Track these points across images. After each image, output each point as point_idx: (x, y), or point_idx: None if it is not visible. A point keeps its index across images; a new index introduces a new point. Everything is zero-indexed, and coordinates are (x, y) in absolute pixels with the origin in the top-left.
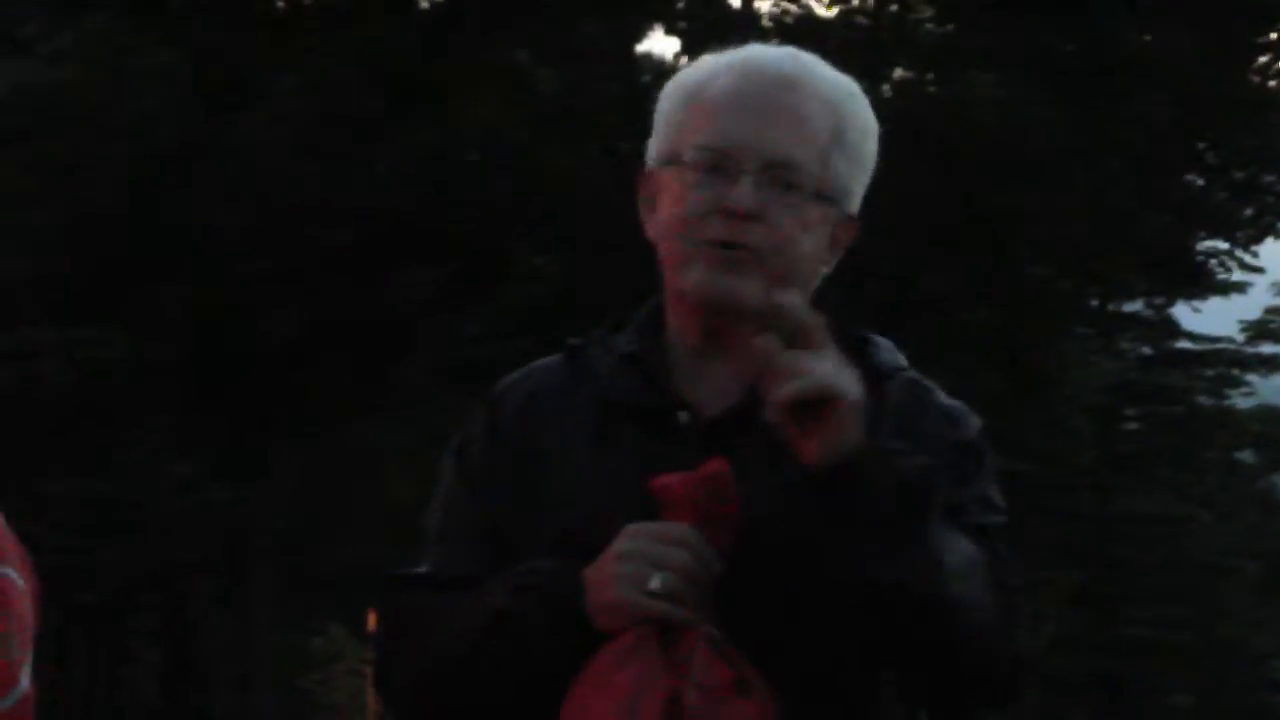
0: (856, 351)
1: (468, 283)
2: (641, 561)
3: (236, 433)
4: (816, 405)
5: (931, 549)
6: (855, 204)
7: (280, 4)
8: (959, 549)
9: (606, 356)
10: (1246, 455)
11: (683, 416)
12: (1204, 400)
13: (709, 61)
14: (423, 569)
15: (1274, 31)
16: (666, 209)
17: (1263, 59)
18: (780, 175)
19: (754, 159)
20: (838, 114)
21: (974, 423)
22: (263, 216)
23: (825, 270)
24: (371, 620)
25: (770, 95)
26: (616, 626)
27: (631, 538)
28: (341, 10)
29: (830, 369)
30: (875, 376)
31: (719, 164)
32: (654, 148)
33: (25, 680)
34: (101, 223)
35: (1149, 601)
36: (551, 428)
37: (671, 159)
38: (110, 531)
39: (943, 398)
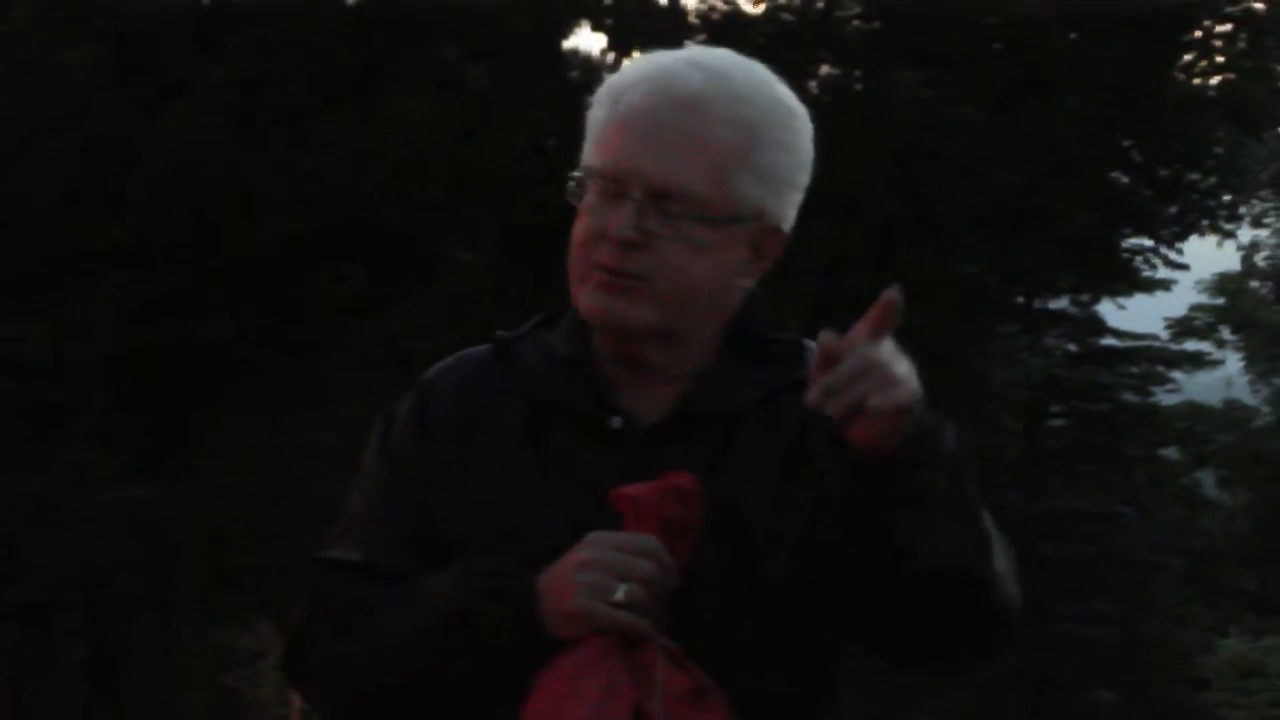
0: (792, 361)
1: (396, 278)
2: (605, 570)
3: (163, 429)
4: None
5: (981, 525)
6: (781, 217)
7: None
8: (986, 516)
9: (537, 355)
10: (1171, 452)
11: (615, 422)
12: (1129, 397)
13: (636, 67)
14: (351, 555)
15: (1198, 30)
16: (578, 223)
17: (1187, 57)
18: (665, 202)
19: (640, 185)
20: (747, 133)
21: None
22: (191, 212)
23: (746, 283)
24: (296, 612)
25: (666, 119)
26: (576, 635)
27: (594, 546)
28: (270, 5)
29: (907, 370)
30: (804, 385)
31: (610, 188)
32: (584, 150)
33: None
34: (27, 219)
35: (1074, 598)
36: (482, 423)
37: (585, 169)
38: (35, 529)
39: None
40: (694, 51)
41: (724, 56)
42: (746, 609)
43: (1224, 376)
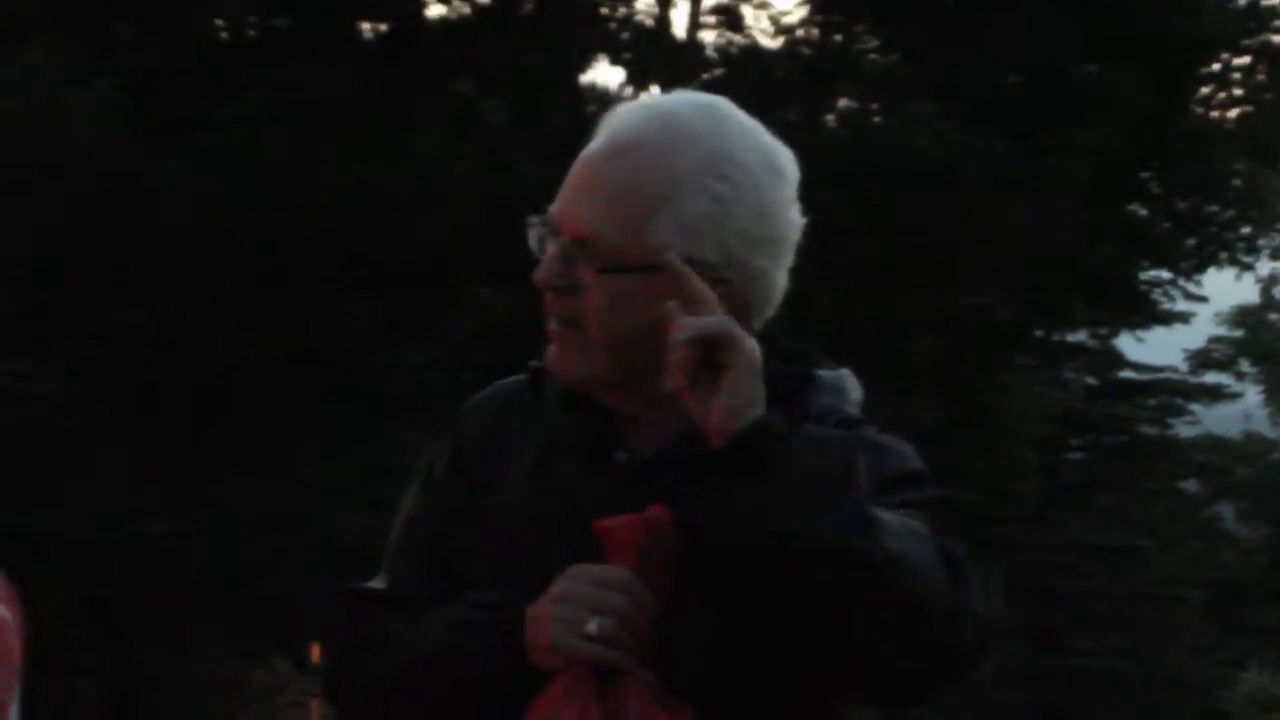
0: (791, 399)
1: (410, 313)
2: (579, 604)
3: (175, 464)
4: (714, 362)
5: (863, 504)
6: (725, 265)
7: (222, 35)
8: (893, 516)
9: (554, 388)
10: (1190, 484)
11: (619, 456)
12: (1148, 430)
13: (607, 117)
14: (378, 585)
15: (1216, 63)
16: None
17: (1205, 90)
18: (588, 249)
19: (566, 232)
20: (666, 183)
21: (909, 456)
22: (203, 247)
23: None
24: (314, 652)
25: (598, 165)
26: (553, 667)
27: (570, 579)
28: (284, 41)
29: (729, 320)
30: (798, 423)
31: (552, 235)
32: None
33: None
34: (39, 254)
35: (1092, 631)
36: (506, 454)
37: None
38: (48, 563)
39: (871, 434)
40: (670, 97)
41: (687, 103)
42: (726, 644)
43: (1243, 409)
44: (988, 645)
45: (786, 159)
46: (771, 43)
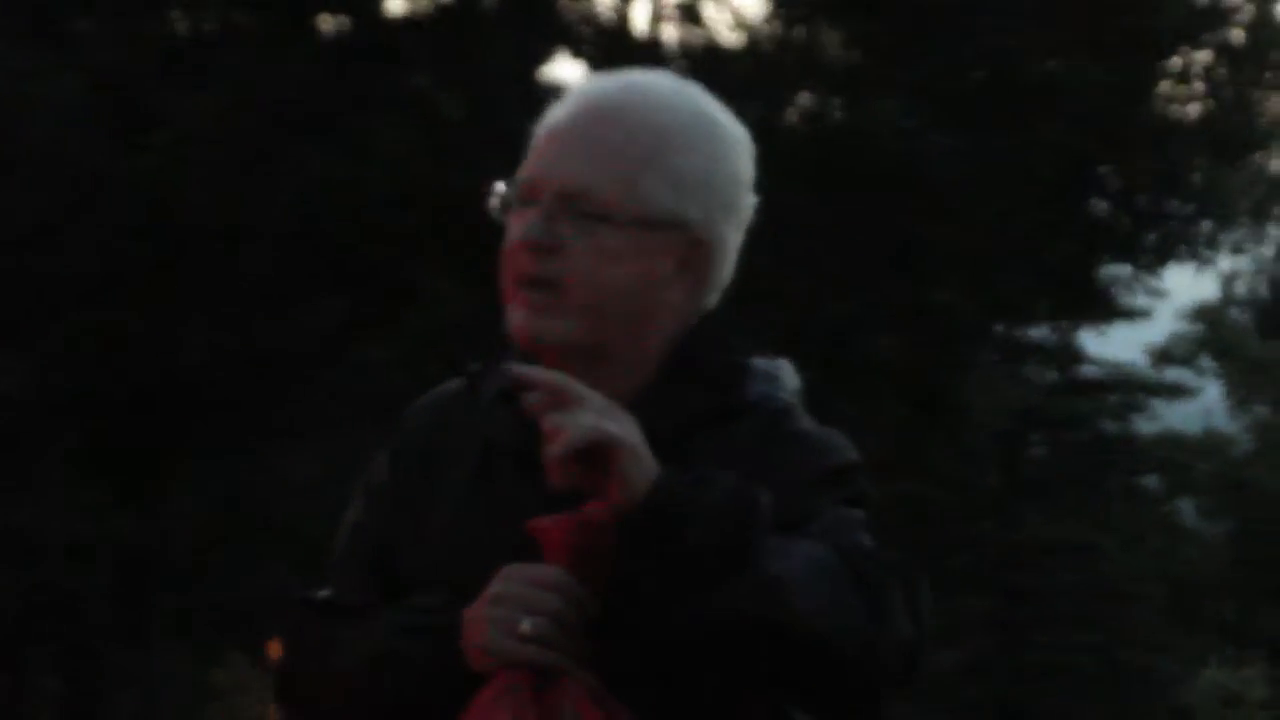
0: (724, 385)
1: (372, 310)
2: (512, 605)
3: (138, 462)
4: (598, 457)
5: (760, 568)
6: (707, 230)
7: (182, 31)
8: (801, 554)
9: (494, 385)
10: (1151, 481)
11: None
12: (1109, 426)
13: (567, 93)
14: (324, 592)
15: (1177, 58)
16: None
17: (1166, 85)
18: (575, 205)
19: (550, 190)
20: (659, 137)
21: (841, 450)
22: (166, 245)
23: (673, 297)
24: (272, 650)
25: (581, 127)
26: (490, 670)
27: (504, 580)
28: (244, 38)
29: (592, 419)
30: (736, 411)
31: (527, 197)
32: None
33: None
34: (2, 251)
35: (1054, 627)
36: (443, 458)
37: (510, 186)
38: (9, 560)
39: (803, 425)
40: (629, 73)
41: (655, 76)
42: (665, 643)
43: (1204, 405)
44: (915, 664)
45: (749, 137)
46: (732, 38)
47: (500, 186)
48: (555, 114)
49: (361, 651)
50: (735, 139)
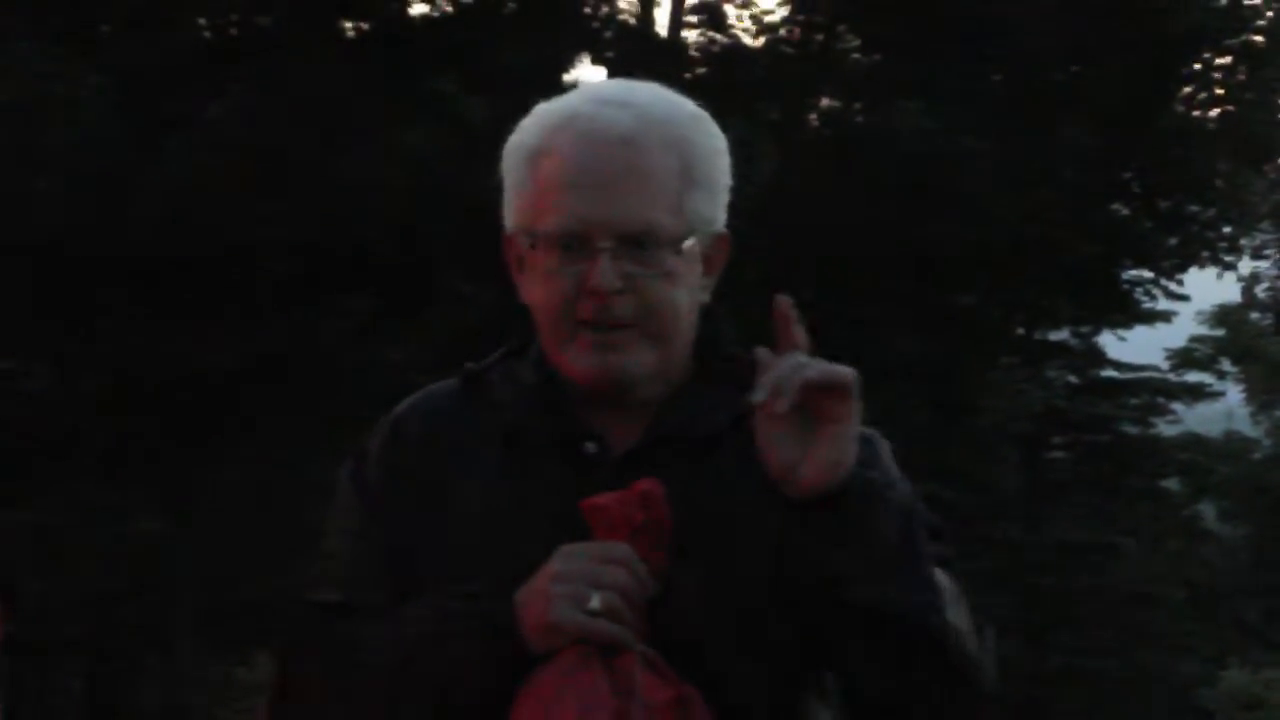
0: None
1: (398, 312)
2: (580, 581)
3: (166, 463)
4: (814, 414)
5: (932, 577)
6: (720, 220)
7: (206, 33)
8: (943, 578)
9: (508, 385)
10: (1172, 483)
11: (589, 447)
12: (1130, 429)
13: (540, 117)
14: (333, 596)
15: (1198, 62)
16: (538, 289)
17: (1188, 89)
18: (638, 243)
19: (608, 234)
20: (682, 151)
21: (883, 442)
22: (191, 247)
23: (705, 297)
24: (282, 654)
25: (611, 162)
26: (555, 647)
27: (567, 558)
28: (268, 40)
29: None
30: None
31: (575, 245)
32: (508, 213)
33: None
34: (29, 253)
35: (1074, 629)
36: (452, 456)
37: (529, 233)
38: (36, 560)
39: None
40: (582, 90)
41: (633, 91)
42: (723, 621)
43: (1225, 408)
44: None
45: None
46: (754, 42)
47: (521, 238)
48: (551, 156)
49: (401, 643)
50: (714, 122)
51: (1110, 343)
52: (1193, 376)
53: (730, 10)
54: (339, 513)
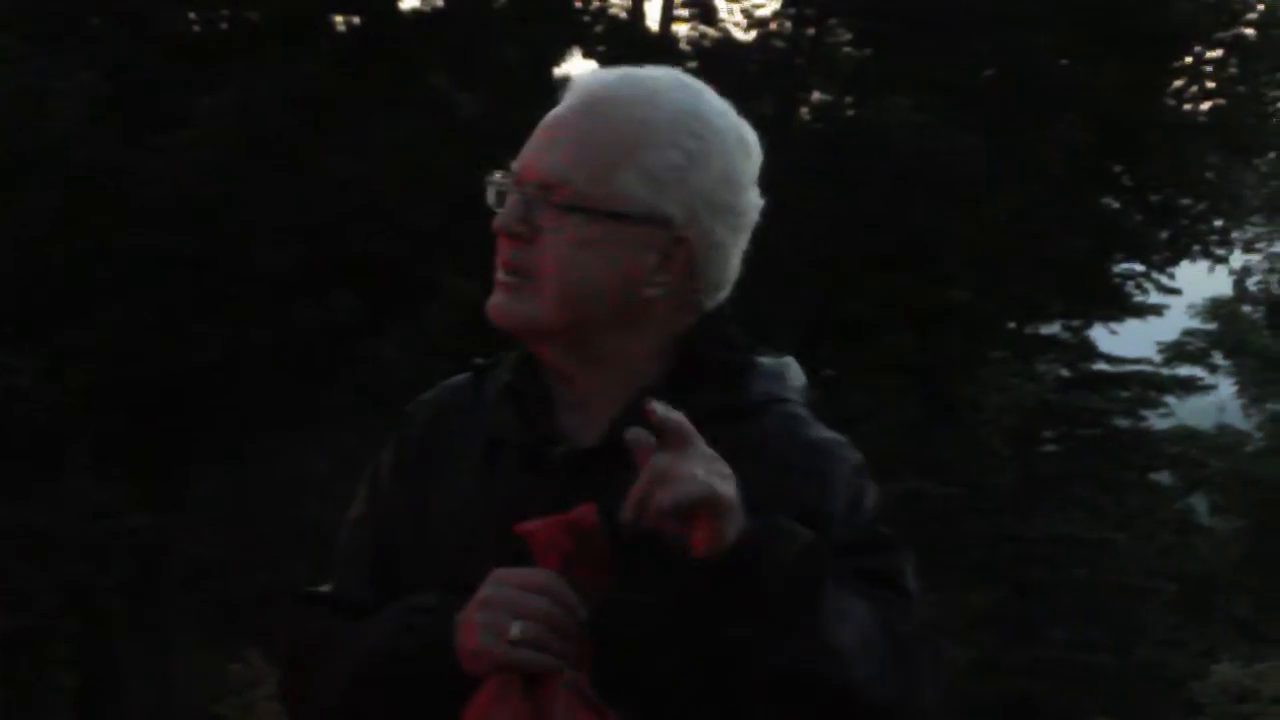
0: (731, 383)
1: (389, 306)
2: (501, 609)
3: (156, 458)
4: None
5: (823, 633)
6: (686, 225)
7: (196, 28)
8: (855, 619)
9: (493, 384)
10: (1164, 477)
11: (560, 449)
12: (1121, 422)
13: (576, 78)
14: (325, 589)
15: (1188, 56)
16: None
17: (1179, 83)
18: (552, 195)
19: (531, 179)
20: (640, 132)
21: (851, 457)
22: (182, 241)
23: (654, 292)
24: (281, 645)
25: (566, 119)
26: (481, 673)
27: (494, 584)
28: (260, 34)
29: (702, 473)
30: (745, 411)
31: (514, 185)
32: None
33: None
34: (20, 249)
35: (1066, 623)
36: (446, 453)
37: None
38: (27, 558)
39: (820, 431)
40: (634, 67)
41: (657, 71)
42: (661, 644)
43: (1216, 401)
44: None
45: (754, 139)
46: (744, 35)
47: (497, 176)
48: (557, 106)
49: (359, 653)
50: (729, 138)
51: (1102, 336)
52: (1184, 370)
53: (721, 4)
54: (356, 501)
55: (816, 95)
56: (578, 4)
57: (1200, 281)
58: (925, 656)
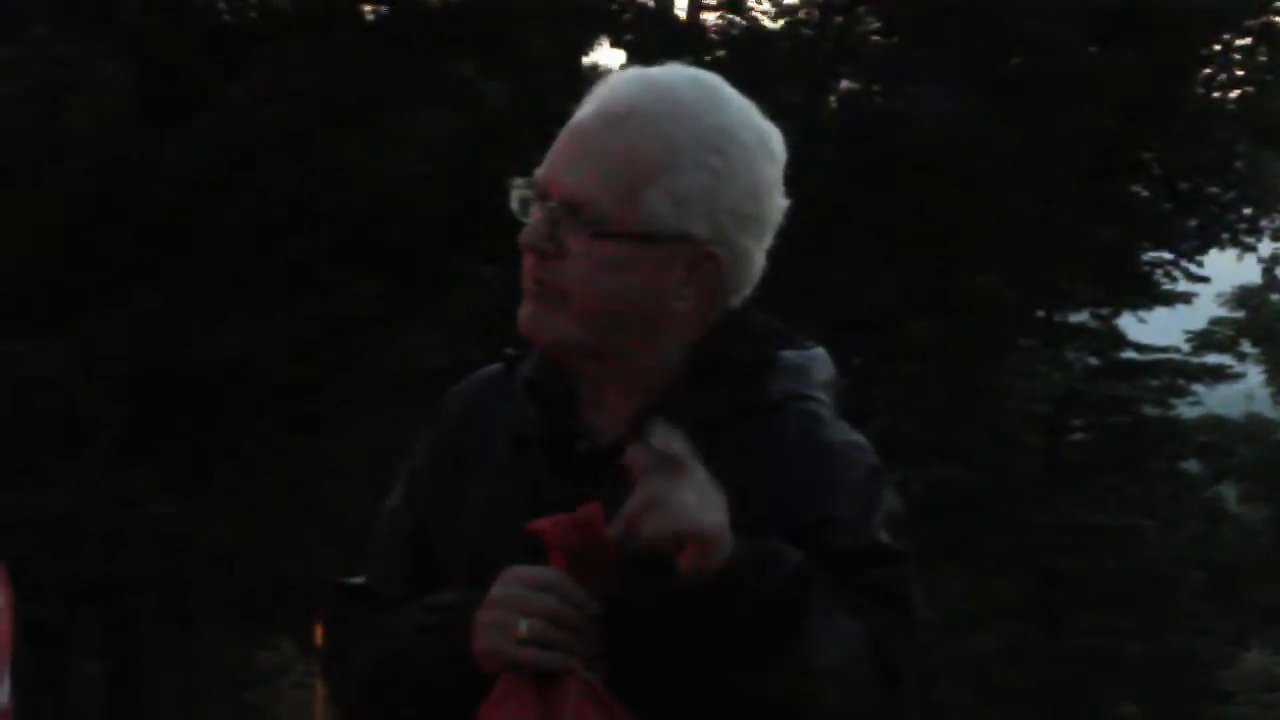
0: (750, 381)
1: (415, 294)
2: (509, 608)
3: (182, 446)
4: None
5: (801, 660)
6: (718, 243)
7: (226, 16)
8: (841, 641)
9: (520, 378)
10: (1192, 465)
11: (583, 445)
12: (1150, 410)
13: (601, 83)
14: (359, 579)
15: (1217, 44)
16: None
17: (1207, 70)
18: (575, 213)
19: (555, 195)
20: (664, 153)
21: (866, 461)
22: (206, 229)
23: (681, 305)
24: (318, 634)
25: (589, 131)
26: (494, 672)
27: (503, 583)
28: (287, 22)
29: (693, 503)
30: (762, 409)
31: (536, 198)
32: None
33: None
34: (43, 236)
35: (1095, 611)
36: (478, 444)
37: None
38: (53, 547)
39: (837, 433)
40: (666, 69)
41: (684, 76)
42: (669, 641)
43: (1245, 390)
44: None
45: (778, 141)
46: (772, 24)
47: (520, 181)
48: (581, 111)
49: (381, 651)
50: (754, 149)
51: (1130, 324)
52: (1213, 358)
53: None
54: (393, 490)
55: (845, 84)
56: None
57: (1229, 270)
58: (914, 679)
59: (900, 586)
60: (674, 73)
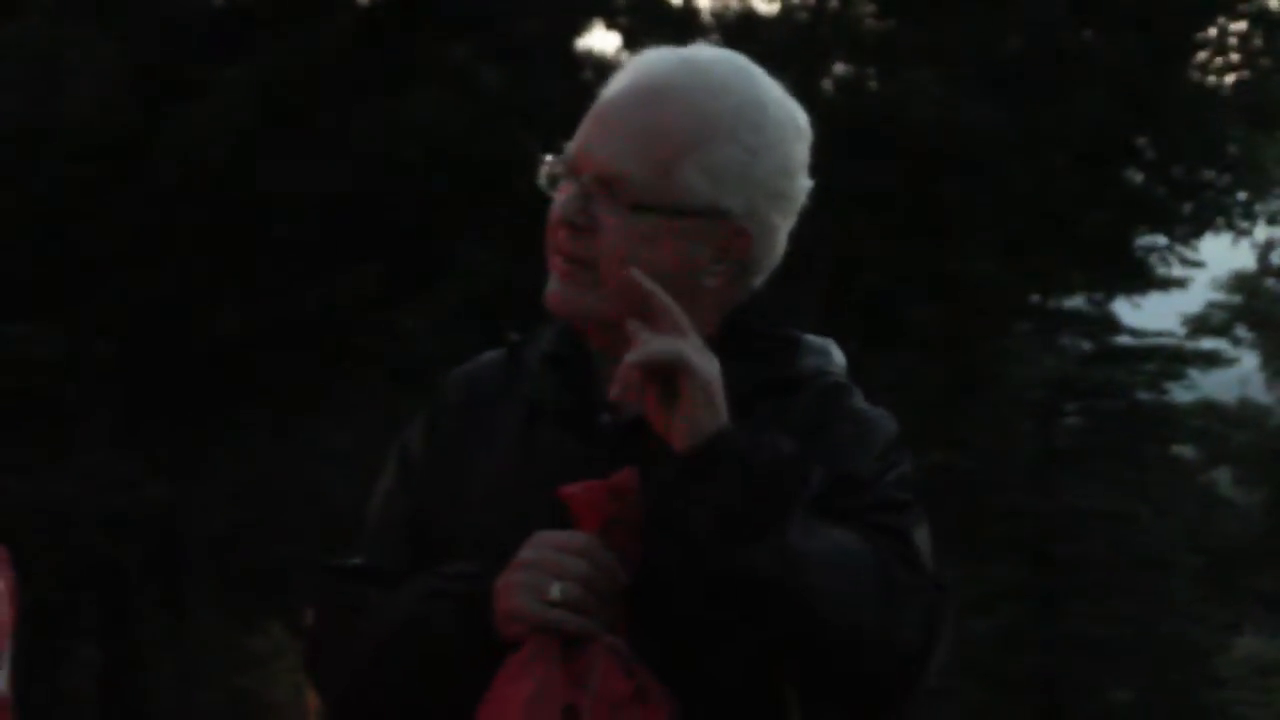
0: (780, 357)
1: (409, 279)
2: (541, 570)
3: (175, 430)
4: (672, 382)
5: (786, 537)
6: (749, 219)
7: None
8: (831, 539)
9: (534, 355)
10: (1187, 450)
11: (605, 418)
12: (1144, 395)
13: (632, 60)
14: (355, 560)
15: (1213, 27)
16: None
17: (1202, 54)
18: (610, 188)
19: (588, 170)
20: (702, 126)
21: (890, 429)
22: (201, 213)
23: (712, 281)
24: (308, 616)
25: (626, 107)
26: (519, 635)
27: (534, 546)
28: (283, 5)
29: (683, 345)
30: (794, 383)
31: (567, 174)
32: None
33: (3, 683)
34: (38, 219)
35: (1090, 597)
36: (483, 424)
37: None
38: (46, 529)
39: (858, 403)
40: (696, 47)
41: (716, 54)
42: (696, 608)
43: (1240, 374)
44: (916, 676)
45: (805, 120)
46: (768, 7)
47: (549, 158)
48: (611, 87)
49: (390, 618)
50: (787, 127)
51: (1124, 310)
52: (1208, 343)
53: None
54: (385, 473)
55: (839, 67)
56: None
57: (1224, 255)
58: (920, 606)
59: (905, 528)
60: (706, 50)
